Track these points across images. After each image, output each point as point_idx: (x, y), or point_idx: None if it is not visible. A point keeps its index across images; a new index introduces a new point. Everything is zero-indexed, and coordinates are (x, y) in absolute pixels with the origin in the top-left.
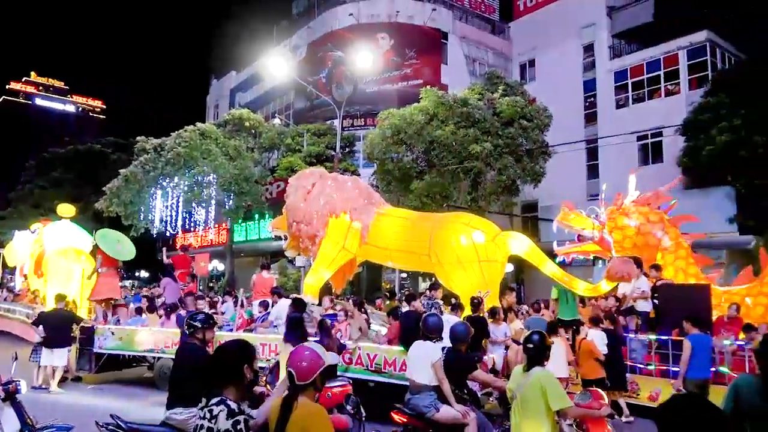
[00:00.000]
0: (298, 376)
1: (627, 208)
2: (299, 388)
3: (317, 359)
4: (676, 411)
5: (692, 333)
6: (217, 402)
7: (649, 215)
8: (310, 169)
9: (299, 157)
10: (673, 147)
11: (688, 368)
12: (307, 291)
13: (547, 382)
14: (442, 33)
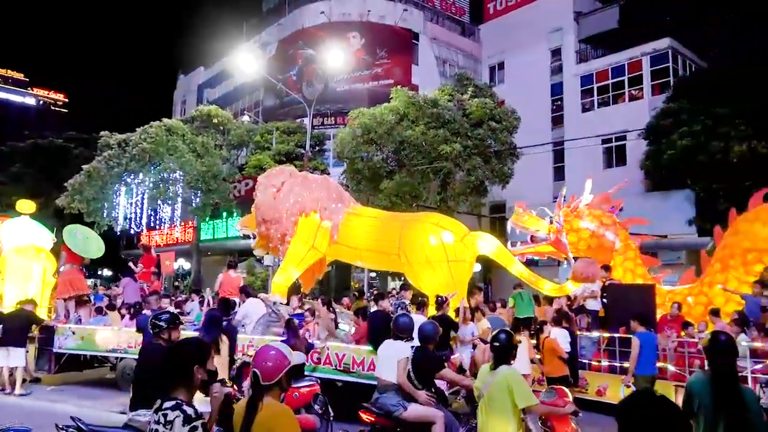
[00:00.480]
0: (263, 376)
1: (581, 211)
2: (264, 389)
3: (282, 359)
4: (635, 408)
5: (639, 331)
6: (173, 406)
7: (602, 218)
8: (279, 168)
9: (268, 155)
10: (636, 150)
11: (638, 365)
12: (276, 290)
13: (513, 380)
14: (413, 33)
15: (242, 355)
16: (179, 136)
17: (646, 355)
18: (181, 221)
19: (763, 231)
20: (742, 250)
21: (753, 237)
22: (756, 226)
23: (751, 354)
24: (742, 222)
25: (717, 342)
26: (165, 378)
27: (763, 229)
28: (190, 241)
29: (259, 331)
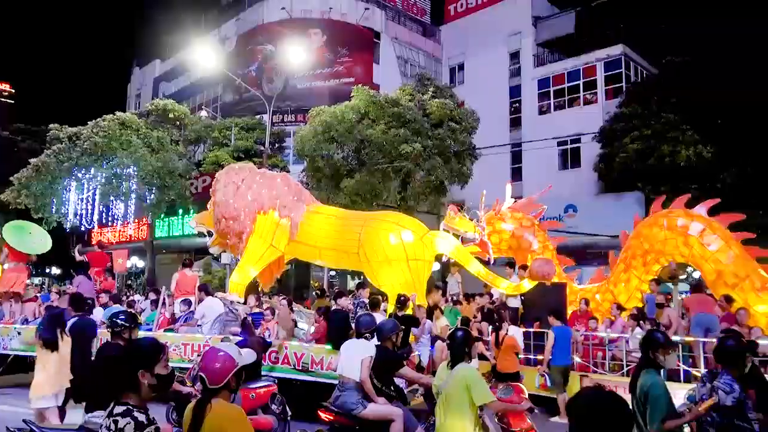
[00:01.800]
0: (209, 379)
1: (504, 214)
2: (212, 392)
3: (229, 361)
4: (586, 403)
5: (555, 325)
6: (123, 412)
7: (522, 220)
8: (239, 165)
9: (227, 152)
10: (590, 153)
11: (552, 356)
12: (233, 289)
13: (470, 377)
14: (375, 32)
15: (197, 355)
16: (133, 130)
17: (562, 348)
18: (135, 218)
19: (660, 234)
20: (643, 251)
21: (652, 240)
22: (654, 230)
23: None
24: (643, 226)
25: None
26: (114, 382)
27: (660, 233)
28: (144, 239)
29: (216, 330)
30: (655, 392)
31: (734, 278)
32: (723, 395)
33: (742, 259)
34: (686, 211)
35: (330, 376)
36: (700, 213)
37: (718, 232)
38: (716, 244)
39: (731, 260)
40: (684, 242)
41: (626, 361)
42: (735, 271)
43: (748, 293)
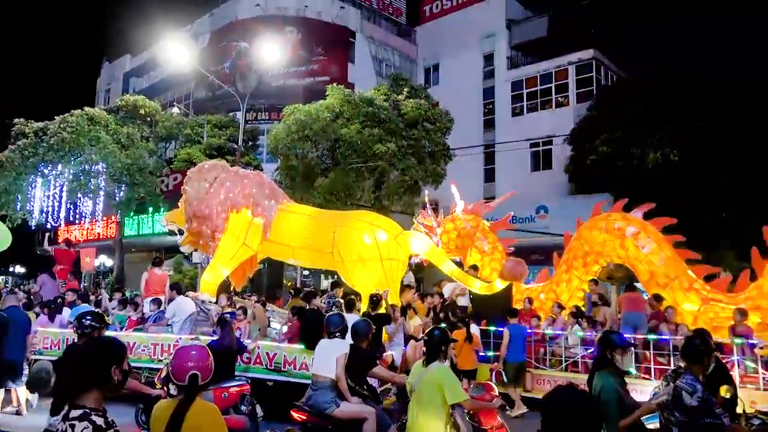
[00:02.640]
0: (203, 375)
1: (456, 215)
2: (201, 389)
3: (208, 357)
4: (557, 401)
5: (511, 323)
6: (80, 416)
7: (471, 222)
8: (211, 162)
9: (199, 149)
10: (562, 155)
11: (507, 353)
12: (204, 288)
13: (443, 376)
14: (350, 31)
15: (167, 355)
16: (102, 126)
17: (517, 345)
18: (103, 216)
19: (599, 237)
20: (583, 253)
21: (591, 242)
22: (594, 233)
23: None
24: (584, 229)
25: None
26: (76, 382)
27: (599, 235)
28: (112, 237)
29: (186, 330)
30: (606, 397)
31: (665, 278)
32: (687, 396)
33: (672, 260)
34: (623, 215)
35: (302, 375)
36: (636, 217)
37: (651, 235)
38: (649, 247)
39: (663, 262)
40: (621, 244)
41: (564, 357)
42: (666, 271)
43: (676, 292)
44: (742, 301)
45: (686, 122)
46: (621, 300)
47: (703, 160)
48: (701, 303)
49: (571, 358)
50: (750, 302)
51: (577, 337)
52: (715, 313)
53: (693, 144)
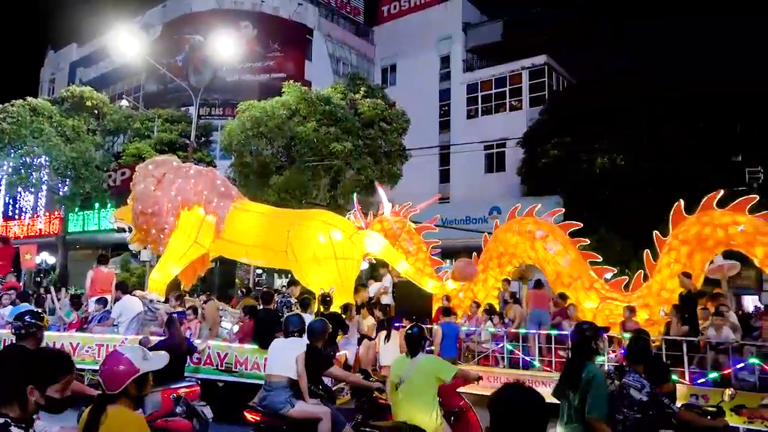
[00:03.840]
0: (106, 384)
1: (383, 217)
2: (108, 398)
3: (129, 366)
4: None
5: (443, 321)
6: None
7: (398, 224)
8: (160, 158)
9: (149, 144)
10: (514, 158)
11: (441, 350)
12: (153, 287)
13: (435, 362)
14: (308, 29)
15: None
16: (46, 117)
17: (449, 342)
18: (46, 211)
19: (513, 239)
20: (498, 254)
21: (505, 243)
22: (508, 235)
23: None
24: (499, 231)
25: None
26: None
27: (512, 237)
28: (55, 233)
29: (133, 330)
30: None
31: (569, 278)
32: (635, 392)
33: (576, 262)
34: (534, 219)
35: (255, 376)
36: (546, 220)
37: (558, 238)
38: (556, 249)
39: (567, 263)
40: (531, 246)
41: (477, 351)
42: (570, 272)
43: (578, 291)
44: (635, 299)
45: (633, 127)
46: (528, 296)
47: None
48: (600, 301)
49: (483, 353)
50: (641, 300)
51: (489, 333)
52: (610, 310)
53: (640, 148)
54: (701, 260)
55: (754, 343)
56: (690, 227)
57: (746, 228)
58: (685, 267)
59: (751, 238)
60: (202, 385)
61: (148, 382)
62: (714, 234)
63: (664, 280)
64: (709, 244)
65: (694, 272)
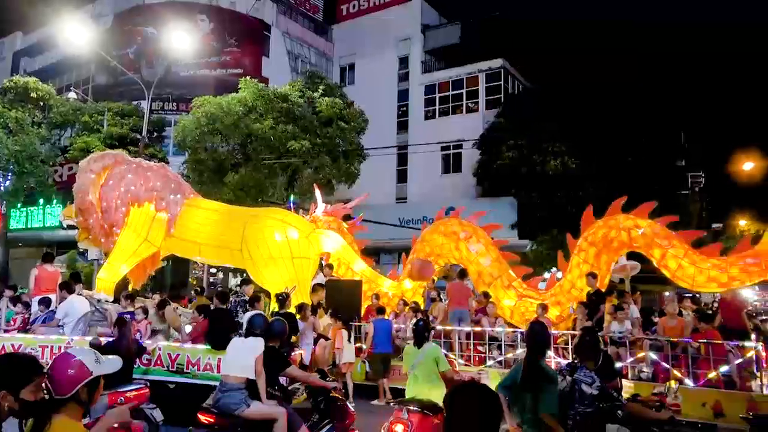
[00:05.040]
0: (54, 388)
1: (316, 217)
2: (56, 404)
3: (81, 369)
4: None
5: (376, 318)
6: None
7: (331, 223)
8: (105, 152)
9: (98, 138)
10: (471, 159)
11: (374, 345)
12: (101, 287)
13: (438, 353)
14: (265, 25)
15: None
16: None
17: (381, 337)
18: None
19: (439, 239)
20: (425, 254)
21: (432, 244)
22: (434, 236)
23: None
24: (426, 232)
25: (529, 329)
26: None
27: (438, 238)
28: None
29: (80, 331)
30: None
31: (490, 277)
32: (586, 387)
33: (497, 262)
34: (459, 221)
35: (208, 377)
36: (470, 222)
37: (481, 240)
38: (478, 249)
39: (489, 263)
40: (455, 246)
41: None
42: (491, 271)
43: (498, 290)
44: (548, 297)
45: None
46: (449, 291)
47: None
48: (517, 299)
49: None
50: (553, 298)
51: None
52: (525, 308)
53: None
54: (607, 261)
55: (647, 336)
56: (598, 230)
57: (646, 231)
58: (593, 267)
59: (650, 240)
60: (152, 387)
61: (99, 386)
62: (618, 236)
63: (574, 279)
64: (614, 245)
65: (600, 272)
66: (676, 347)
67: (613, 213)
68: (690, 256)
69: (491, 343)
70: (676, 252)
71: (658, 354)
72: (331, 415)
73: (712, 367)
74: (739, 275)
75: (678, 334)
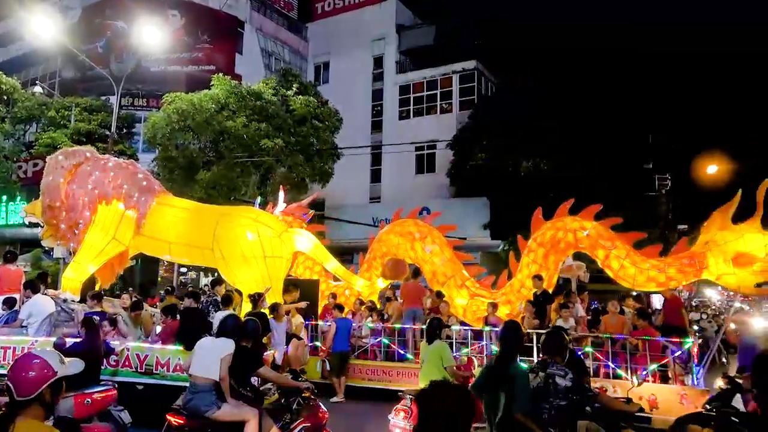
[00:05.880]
0: (17, 389)
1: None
2: (19, 405)
3: (46, 369)
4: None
5: (337, 317)
6: None
7: (292, 223)
8: (75, 148)
9: (64, 134)
10: (444, 159)
11: (334, 343)
12: (67, 286)
13: (443, 349)
14: (239, 21)
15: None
16: None
17: (341, 336)
18: None
19: (395, 240)
20: (382, 253)
21: (388, 244)
22: (390, 236)
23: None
24: (383, 233)
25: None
26: None
27: (394, 238)
28: None
29: (45, 331)
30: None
31: (443, 277)
32: (560, 379)
33: (451, 261)
34: (415, 221)
35: (178, 378)
36: (426, 223)
37: (436, 240)
38: (432, 249)
39: (443, 262)
40: (411, 246)
41: (357, 346)
42: (444, 271)
43: (452, 289)
44: (499, 296)
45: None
46: (402, 291)
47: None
48: (470, 298)
49: (362, 346)
50: (504, 297)
51: (368, 329)
52: (477, 306)
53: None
54: (555, 261)
55: (588, 334)
56: (546, 231)
57: (591, 233)
58: (542, 267)
59: (594, 241)
60: (120, 388)
61: (62, 388)
62: (565, 238)
63: (524, 278)
64: (561, 246)
65: (548, 272)
66: (615, 344)
67: (561, 215)
68: (631, 256)
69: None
70: (619, 253)
71: (600, 350)
72: (303, 416)
73: (648, 362)
74: (676, 275)
75: (619, 331)
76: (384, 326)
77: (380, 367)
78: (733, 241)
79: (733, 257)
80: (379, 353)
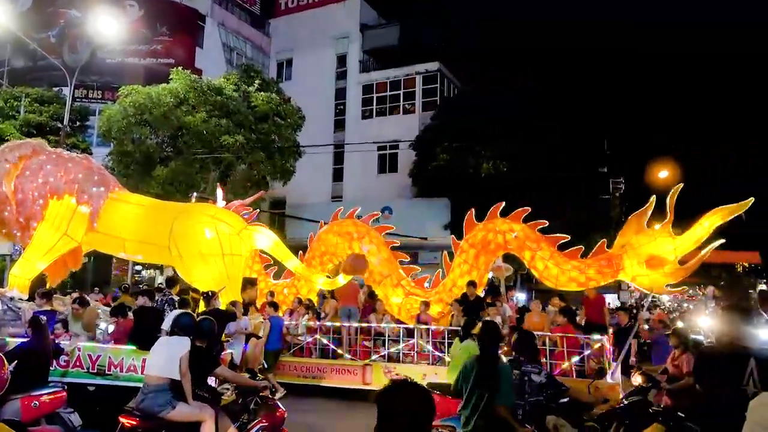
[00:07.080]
0: None
1: None
2: None
3: None
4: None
5: (272, 315)
6: None
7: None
8: (25, 140)
9: (13, 125)
10: (407, 159)
11: (268, 342)
12: (14, 283)
13: (471, 348)
14: (200, 15)
15: None
16: None
17: (275, 334)
18: None
19: (333, 239)
20: (321, 253)
21: (327, 243)
22: (329, 236)
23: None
24: (322, 232)
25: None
26: None
27: (333, 238)
28: None
29: None
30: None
31: (380, 276)
32: (536, 376)
33: (387, 261)
34: (353, 221)
35: (131, 378)
36: (363, 223)
37: (374, 240)
38: (370, 249)
39: (379, 262)
40: (349, 246)
41: (293, 343)
42: (381, 270)
43: (388, 288)
44: (433, 295)
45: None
46: (338, 290)
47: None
48: (405, 296)
49: (298, 344)
50: (437, 296)
51: (304, 327)
52: (411, 305)
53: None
54: (485, 261)
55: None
56: (478, 233)
57: (519, 235)
58: (473, 267)
59: (521, 243)
60: (70, 390)
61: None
62: (495, 239)
63: (456, 278)
64: (491, 247)
65: (479, 272)
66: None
67: (492, 217)
68: (555, 258)
69: (377, 339)
70: (543, 254)
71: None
72: (261, 415)
73: (566, 357)
74: (595, 276)
75: (540, 328)
76: (320, 324)
77: (315, 365)
78: (647, 245)
79: (646, 259)
80: (315, 351)
